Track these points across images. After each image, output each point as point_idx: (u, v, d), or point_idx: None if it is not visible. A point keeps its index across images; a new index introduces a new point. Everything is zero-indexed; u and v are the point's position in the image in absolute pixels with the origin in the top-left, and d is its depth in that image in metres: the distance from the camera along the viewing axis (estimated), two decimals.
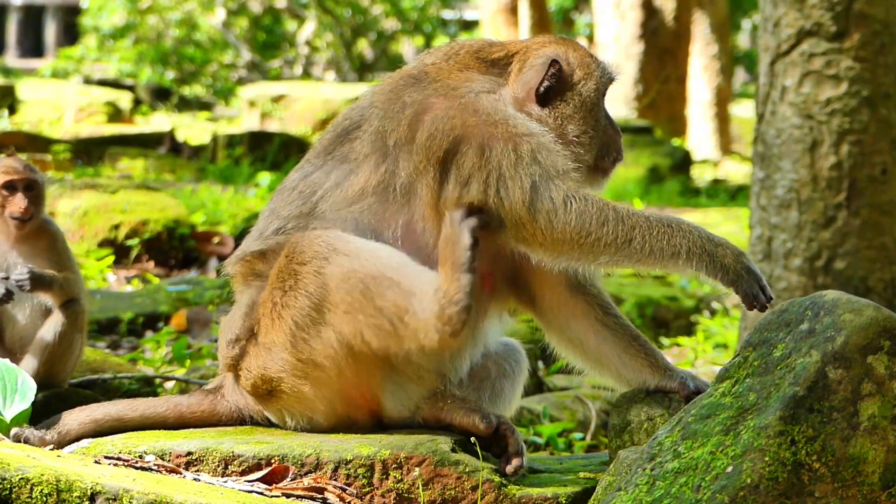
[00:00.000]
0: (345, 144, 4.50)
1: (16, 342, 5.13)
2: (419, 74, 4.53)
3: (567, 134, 4.53)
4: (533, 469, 4.50)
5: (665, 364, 4.53)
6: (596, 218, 4.23)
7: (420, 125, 4.35)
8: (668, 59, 22.76)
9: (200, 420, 4.64)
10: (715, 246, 4.23)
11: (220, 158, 18.48)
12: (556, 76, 4.52)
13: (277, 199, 4.55)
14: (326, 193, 4.44)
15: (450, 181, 4.29)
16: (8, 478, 3.58)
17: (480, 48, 4.63)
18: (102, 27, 39.52)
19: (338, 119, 4.65)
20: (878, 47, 7.80)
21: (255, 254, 4.51)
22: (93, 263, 9.80)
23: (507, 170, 4.25)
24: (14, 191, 5.13)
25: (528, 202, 4.24)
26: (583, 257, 4.29)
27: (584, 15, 38.78)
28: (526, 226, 4.26)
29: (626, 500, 3.54)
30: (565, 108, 4.55)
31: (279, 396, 4.45)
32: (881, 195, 7.79)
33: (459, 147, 4.30)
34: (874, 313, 3.53)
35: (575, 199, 4.24)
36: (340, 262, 4.23)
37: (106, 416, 4.65)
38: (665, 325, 10.44)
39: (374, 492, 4.26)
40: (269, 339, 4.38)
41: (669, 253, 4.23)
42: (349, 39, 40.74)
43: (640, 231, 4.23)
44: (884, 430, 3.47)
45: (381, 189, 4.37)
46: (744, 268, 4.21)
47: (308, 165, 4.55)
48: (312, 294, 4.27)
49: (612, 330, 4.52)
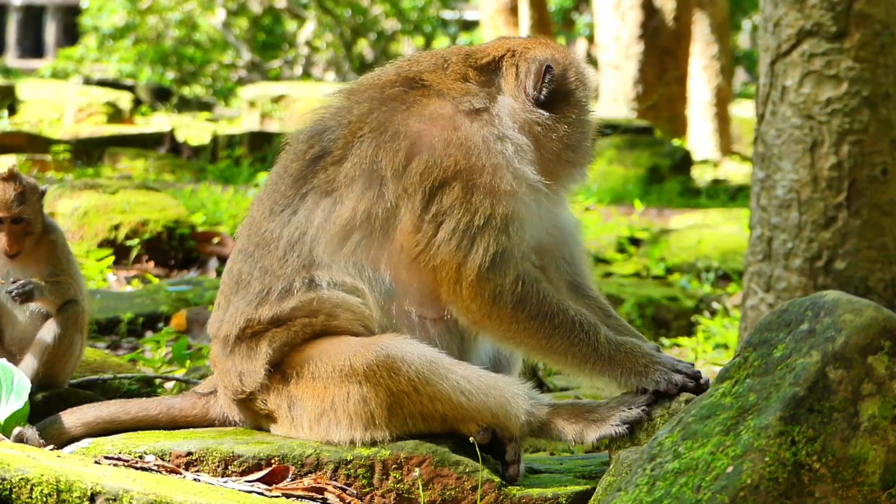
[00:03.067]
0: (319, 173, 4.41)
1: (15, 343, 5.12)
2: (407, 89, 4.47)
3: (568, 136, 4.53)
4: (533, 469, 4.50)
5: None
6: (532, 308, 4.30)
7: (416, 157, 4.31)
8: (668, 59, 22.76)
9: (192, 424, 4.65)
10: (622, 354, 4.33)
11: (220, 159, 18.49)
12: (553, 81, 4.51)
13: (264, 256, 4.40)
14: (317, 236, 4.35)
15: (430, 211, 4.29)
16: (8, 478, 3.58)
17: (469, 54, 4.59)
18: (102, 27, 39.54)
19: (298, 142, 4.51)
20: (879, 47, 7.80)
21: (270, 321, 4.40)
22: (93, 264, 9.79)
23: (477, 227, 4.27)
24: (0, 224, 5.01)
25: (486, 268, 4.27)
26: (501, 336, 4.38)
27: (584, 15, 38.78)
28: (468, 287, 4.29)
29: (626, 500, 3.53)
30: (567, 111, 4.56)
31: (279, 424, 4.49)
32: (881, 195, 7.79)
33: (449, 184, 4.29)
34: (874, 313, 3.53)
35: (524, 283, 4.29)
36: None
37: (97, 418, 4.66)
38: (665, 325, 10.44)
39: (374, 492, 4.26)
40: (300, 392, 4.39)
41: (579, 359, 4.32)
42: (349, 39, 40.75)
43: (560, 332, 4.31)
44: (884, 431, 3.47)
45: (365, 217, 4.32)
46: (650, 363, 4.29)
47: (281, 204, 4.42)
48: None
49: (618, 332, 4.52)
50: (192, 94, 36.05)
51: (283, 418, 4.42)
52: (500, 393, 4.26)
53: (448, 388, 4.23)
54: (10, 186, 5.04)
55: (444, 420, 4.28)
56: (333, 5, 40.35)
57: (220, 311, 4.52)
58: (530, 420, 4.29)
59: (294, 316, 4.36)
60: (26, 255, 5.07)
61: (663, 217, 15.36)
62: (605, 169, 18.15)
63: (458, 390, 4.24)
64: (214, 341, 4.56)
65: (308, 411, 4.35)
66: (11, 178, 5.05)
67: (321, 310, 4.35)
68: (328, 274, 4.34)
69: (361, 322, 4.37)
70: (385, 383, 4.24)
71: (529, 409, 4.28)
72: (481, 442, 4.28)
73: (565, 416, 4.31)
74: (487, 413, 4.25)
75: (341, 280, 4.34)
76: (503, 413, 4.26)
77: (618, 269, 12.50)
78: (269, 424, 4.51)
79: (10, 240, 5.01)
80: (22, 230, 5.04)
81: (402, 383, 4.23)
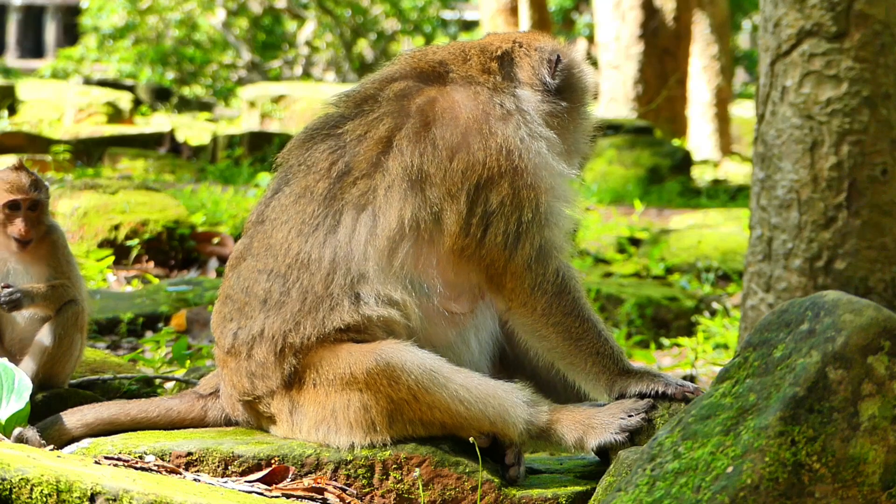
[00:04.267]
0: (349, 188, 4.39)
1: (15, 343, 5.12)
2: (425, 85, 4.50)
3: (578, 125, 4.67)
4: (533, 469, 4.50)
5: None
6: (566, 305, 4.44)
7: (456, 157, 4.36)
8: (668, 59, 22.75)
9: (191, 425, 4.66)
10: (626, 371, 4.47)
11: (220, 159, 18.49)
12: (563, 69, 4.62)
13: (302, 277, 4.35)
14: (365, 252, 4.34)
15: (476, 213, 4.36)
16: (8, 478, 3.58)
17: (484, 47, 4.64)
18: (102, 27, 39.54)
19: (316, 160, 4.46)
20: (879, 48, 7.80)
21: (312, 339, 4.36)
22: (93, 264, 9.79)
23: (525, 224, 4.38)
24: (17, 210, 5.02)
25: (532, 261, 4.39)
26: (531, 328, 4.49)
27: (584, 15, 38.79)
28: (511, 278, 4.41)
29: (626, 500, 3.53)
30: (576, 99, 4.67)
31: (279, 426, 4.50)
32: (881, 195, 7.79)
33: (493, 185, 4.37)
34: (874, 314, 3.53)
35: (563, 276, 4.44)
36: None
37: (97, 419, 4.66)
38: (665, 325, 10.44)
39: (374, 492, 4.26)
40: (302, 398, 4.40)
41: (598, 368, 4.45)
42: (349, 40, 40.75)
43: (588, 338, 4.45)
44: (884, 431, 3.47)
45: (413, 225, 4.34)
46: (647, 375, 4.43)
47: (312, 224, 4.39)
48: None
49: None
50: (192, 95, 36.05)
51: (284, 422, 4.44)
52: (498, 402, 4.28)
53: (447, 397, 4.25)
54: (24, 173, 5.08)
55: (444, 427, 4.31)
56: (333, 5, 40.35)
57: (233, 323, 4.47)
58: (529, 428, 4.32)
59: (336, 333, 4.36)
60: (30, 251, 5.07)
61: (663, 217, 15.36)
62: (605, 169, 18.15)
63: (456, 399, 4.26)
64: (224, 348, 4.54)
65: (309, 417, 4.36)
66: (22, 167, 5.09)
67: (358, 326, 4.35)
68: (375, 289, 4.34)
69: (390, 331, 4.38)
70: (385, 391, 4.26)
71: (528, 417, 4.32)
72: (482, 445, 4.29)
73: (565, 422, 4.34)
74: (486, 421, 4.28)
75: (387, 294, 4.35)
76: (501, 422, 4.29)
77: (618, 269, 12.51)
78: (269, 425, 4.52)
79: (26, 225, 5.02)
80: (37, 217, 5.05)
81: (402, 391, 4.24)
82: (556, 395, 4.56)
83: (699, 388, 4.40)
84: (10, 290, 4.94)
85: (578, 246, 12.86)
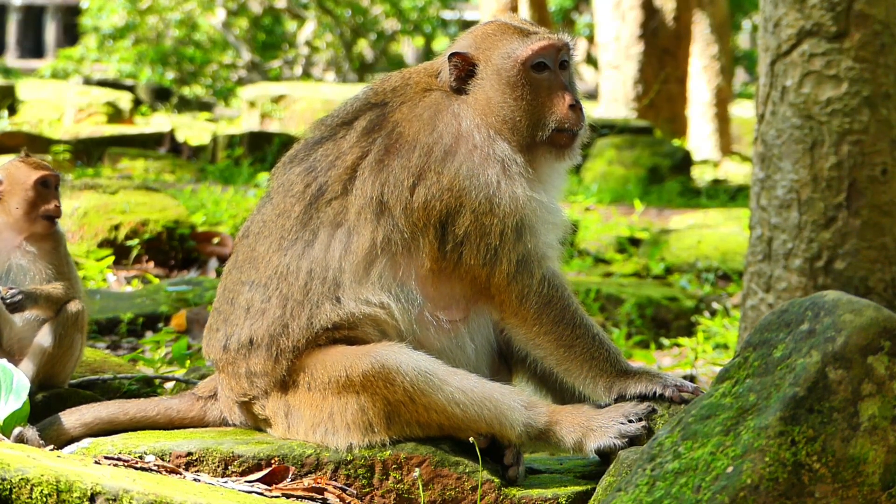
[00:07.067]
0: (324, 208, 4.46)
1: (14, 343, 5.12)
2: (381, 114, 4.52)
3: (496, 113, 4.51)
4: (533, 469, 4.50)
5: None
6: (556, 313, 4.46)
7: (416, 189, 4.40)
8: (668, 59, 22.74)
9: (190, 426, 4.67)
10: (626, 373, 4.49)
11: (220, 159, 18.47)
12: (458, 66, 4.53)
13: (281, 285, 4.43)
14: (341, 266, 4.41)
15: (448, 242, 4.41)
16: (8, 478, 3.58)
17: (426, 66, 4.67)
18: (102, 27, 39.51)
19: (292, 182, 4.53)
20: (879, 47, 7.79)
21: (300, 340, 4.41)
22: (93, 264, 9.79)
23: (496, 247, 4.40)
24: (48, 188, 5.12)
25: (513, 274, 4.42)
26: (524, 337, 4.50)
27: (584, 15, 38.78)
28: (497, 290, 4.44)
29: (626, 500, 3.53)
30: (481, 92, 4.53)
31: (275, 429, 4.51)
32: (881, 195, 7.78)
33: (457, 214, 4.40)
34: (874, 314, 3.53)
35: (549, 284, 4.46)
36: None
37: (97, 419, 4.68)
38: (665, 325, 10.44)
39: (374, 492, 4.26)
40: (297, 401, 4.42)
41: (595, 372, 4.46)
42: (349, 40, 40.74)
43: (581, 343, 4.46)
44: (884, 431, 3.47)
45: (386, 243, 4.40)
46: (646, 375, 4.45)
47: (290, 240, 4.47)
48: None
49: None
50: (192, 95, 36.01)
51: (279, 425, 4.45)
52: (494, 405, 4.30)
53: (443, 400, 4.27)
54: (39, 157, 5.19)
55: (441, 428, 4.32)
56: (333, 5, 40.35)
57: (220, 333, 4.54)
58: (528, 430, 4.33)
59: (326, 333, 4.40)
60: (35, 245, 5.09)
61: (663, 217, 15.35)
62: (605, 169, 18.14)
63: (452, 402, 4.27)
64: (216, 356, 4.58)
65: (305, 419, 4.38)
66: (30, 156, 5.21)
67: (344, 324, 4.39)
68: (354, 293, 4.39)
69: (381, 329, 4.41)
70: (382, 393, 4.28)
71: (526, 420, 4.33)
72: (481, 446, 4.30)
73: (565, 424, 4.35)
74: (482, 424, 4.30)
75: (366, 297, 4.39)
76: (498, 424, 4.30)
77: (618, 269, 12.50)
78: (266, 427, 4.53)
79: (59, 201, 5.12)
80: (59, 197, 5.15)
81: (398, 393, 4.26)
82: (559, 394, 4.57)
83: (698, 388, 4.41)
84: (13, 291, 4.95)
85: (578, 246, 12.94)
